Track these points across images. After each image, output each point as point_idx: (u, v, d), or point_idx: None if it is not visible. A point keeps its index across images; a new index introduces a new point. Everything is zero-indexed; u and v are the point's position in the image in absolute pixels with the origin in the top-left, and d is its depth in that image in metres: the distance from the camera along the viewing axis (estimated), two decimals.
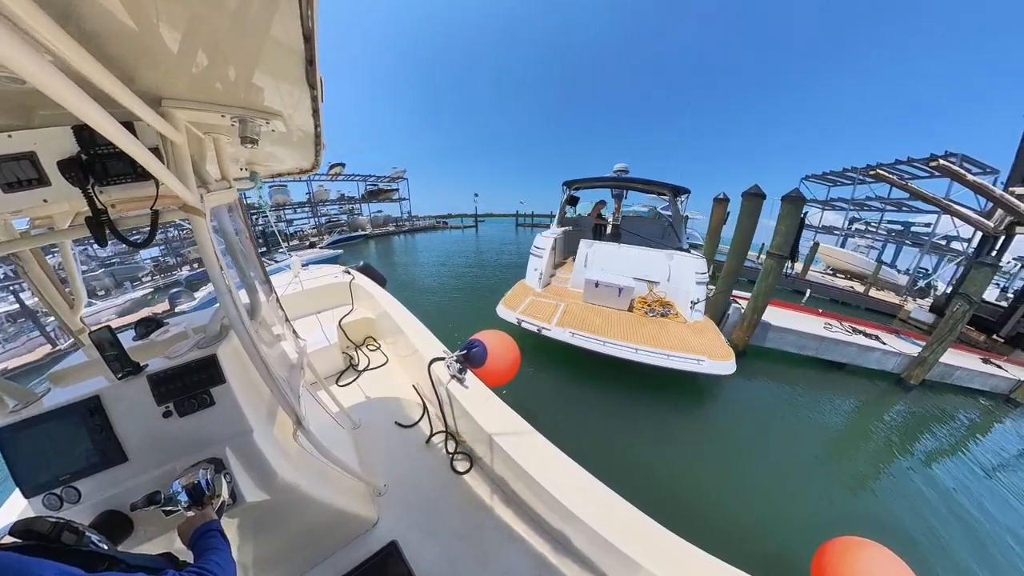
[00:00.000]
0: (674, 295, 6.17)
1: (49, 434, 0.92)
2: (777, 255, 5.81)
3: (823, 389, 5.64)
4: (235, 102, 0.88)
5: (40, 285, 1.17)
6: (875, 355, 6.20)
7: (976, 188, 7.53)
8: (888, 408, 5.39)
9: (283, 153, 1.46)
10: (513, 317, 5.49)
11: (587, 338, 4.91)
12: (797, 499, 3.48)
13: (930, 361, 5.83)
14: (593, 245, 7.15)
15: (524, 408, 1.85)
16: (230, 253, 1.45)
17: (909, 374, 5.97)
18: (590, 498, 1.39)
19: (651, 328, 5.31)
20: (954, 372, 6.14)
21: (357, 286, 3.62)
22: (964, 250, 11.93)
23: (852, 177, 15.42)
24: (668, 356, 4.55)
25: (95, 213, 0.80)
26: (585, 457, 1.54)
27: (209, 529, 0.82)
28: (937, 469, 4.17)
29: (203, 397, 1.05)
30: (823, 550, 1.24)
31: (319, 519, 1.37)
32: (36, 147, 0.75)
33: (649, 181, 8.49)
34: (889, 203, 14.93)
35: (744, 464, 3.88)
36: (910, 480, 3.92)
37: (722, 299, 6.78)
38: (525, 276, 7.28)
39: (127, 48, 0.60)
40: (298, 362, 1.69)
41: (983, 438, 5.01)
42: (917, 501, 3.64)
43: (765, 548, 2.93)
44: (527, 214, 33.04)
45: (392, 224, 27.50)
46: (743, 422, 4.67)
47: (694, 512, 3.16)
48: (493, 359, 2.09)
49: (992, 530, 3.39)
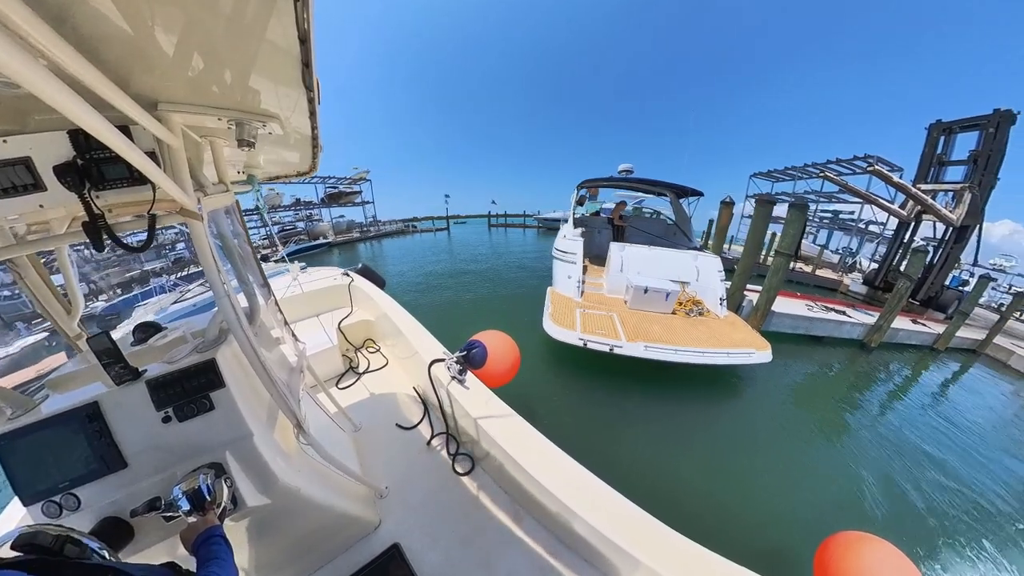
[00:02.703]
0: (702, 293, 6.37)
1: (48, 441, 0.92)
2: (785, 254, 6.61)
3: (815, 360, 6.82)
4: (231, 105, 0.88)
5: (36, 291, 1.16)
6: (845, 327, 7.65)
7: (899, 187, 9.73)
8: (858, 367, 6.81)
9: (280, 156, 1.46)
10: (575, 338, 4.90)
11: (660, 349, 4.77)
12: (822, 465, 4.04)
13: (884, 328, 7.38)
14: (625, 248, 7.06)
15: (526, 408, 1.85)
16: (228, 256, 1.44)
17: (870, 339, 7.49)
18: (593, 498, 1.39)
19: (699, 329, 5.47)
20: (898, 333, 7.86)
21: (356, 288, 3.62)
22: (880, 232, 15.28)
23: (795, 174, 17.80)
24: (728, 354, 4.85)
25: (92, 218, 0.79)
26: (605, 457, 1.52)
27: (212, 535, 0.81)
28: (897, 406, 5.59)
29: (202, 402, 1.05)
30: (826, 545, 1.24)
31: (321, 522, 1.36)
32: (32, 152, 0.75)
33: (655, 182, 8.73)
34: (822, 196, 17.84)
35: (786, 449, 4.22)
36: (880, 422, 5.00)
37: (739, 293, 7.43)
38: (553, 283, 6.88)
39: (122, 52, 0.60)
40: (298, 365, 1.68)
41: (921, 378, 6.80)
42: (883, 435, 4.68)
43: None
44: (500, 214, 32.11)
45: (357, 230, 25.66)
46: (772, 403, 5.17)
47: (719, 506, 3.30)
48: (493, 360, 2.09)
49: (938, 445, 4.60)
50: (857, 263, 16.06)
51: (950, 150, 10.66)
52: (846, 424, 4.89)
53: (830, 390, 5.81)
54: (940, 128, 10.68)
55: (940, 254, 10.46)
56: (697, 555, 1.19)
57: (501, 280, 11.71)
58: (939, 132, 10.72)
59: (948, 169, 10.73)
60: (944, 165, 10.76)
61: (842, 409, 5.25)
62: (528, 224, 31.26)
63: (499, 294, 10.13)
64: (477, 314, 8.47)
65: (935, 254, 10.53)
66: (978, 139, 9.72)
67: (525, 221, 31.64)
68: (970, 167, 9.87)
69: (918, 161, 11.21)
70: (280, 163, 1.60)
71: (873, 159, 12.42)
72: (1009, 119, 9.19)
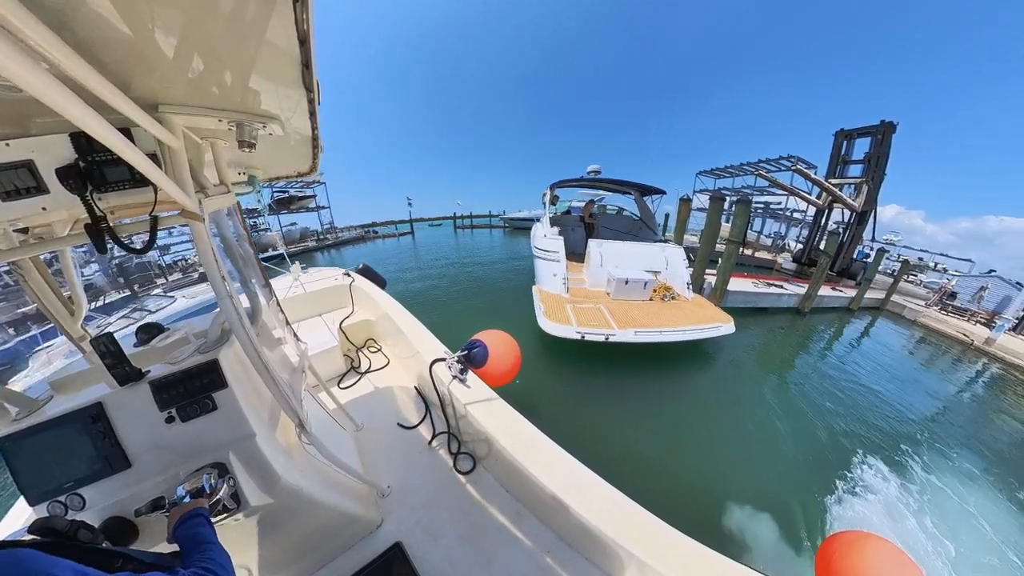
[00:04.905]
0: (672, 280, 7.23)
1: (52, 442, 0.93)
2: (735, 241, 8.16)
3: (764, 327, 8.43)
4: (232, 106, 0.88)
5: (40, 293, 1.17)
6: (783, 298, 9.60)
7: (815, 182, 12.43)
8: (796, 328, 8.69)
9: (281, 156, 1.47)
10: (573, 332, 5.22)
11: (647, 333, 5.35)
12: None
13: (812, 296, 9.40)
14: (603, 244, 7.63)
15: (527, 403, 1.86)
16: (229, 257, 1.45)
17: (802, 306, 9.50)
18: (594, 497, 1.39)
19: (674, 311, 6.20)
20: (823, 299, 10.02)
21: (357, 288, 3.62)
22: (803, 218, 18.74)
23: (733, 171, 21.36)
24: (702, 329, 5.65)
25: (94, 220, 0.80)
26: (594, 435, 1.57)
27: (195, 515, 0.81)
28: (825, 353, 7.39)
29: (205, 402, 1.05)
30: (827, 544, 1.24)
31: (323, 522, 1.37)
32: (34, 155, 0.75)
33: (622, 182, 9.69)
34: (756, 190, 22.15)
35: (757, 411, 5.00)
36: (812, 375, 6.26)
37: (700, 277, 8.85)
38: (538, 281, 7.25)
39: (122, 54, 0.60)
40: (299, 365, 1.69)
41: (842, 331, 8.94)
42: (816, 383, 5.93)
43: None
44: (466, 215, 31.42)
45: (312, 239, 23.15)
46: (737, 363, 6.28)
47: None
48: (494, 359, 2.09)
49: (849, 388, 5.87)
50: (787, 245, 19.26)
51: (851, 152, 13.45)
52: (789, 372, 6.28)
53: (778, 348, 7.49)
54: (843, 135, 13.39)
55: (847, 234, 13.14)
56: (697, 553, 1.19)
57: (475, 279, 11.65)
58: (842, 138, 13.45)
59: (850, 167, 13.42)
60: (847, 164, 13.47)
61: (786, 362, 6.72)
62: (495, 224, 30.88)
63: (478, 293, 10.12)
64: (460, 319, 8.11)
65: (844, 235, 13.05)
66: (870, 143, 12.46)
67: (491, 221, 31.39)
68: (866, 165, 12.60)
69: (828, 160, 14.06)
70: (281, 164, 1.60)
71: (795, 159, 15.46)
72: (891, 128, 11.86)
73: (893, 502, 3.53)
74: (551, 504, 1.47)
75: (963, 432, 4.97)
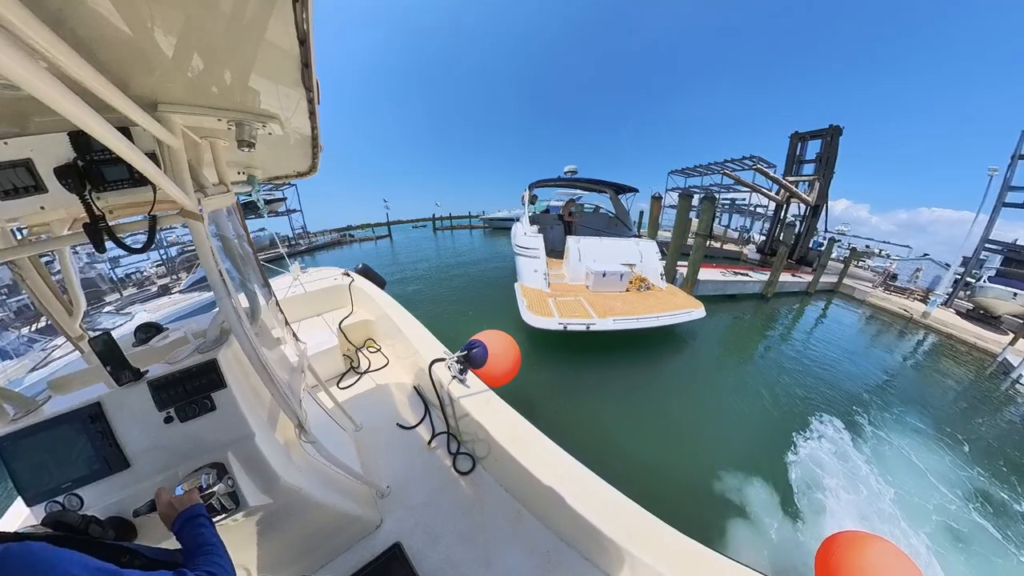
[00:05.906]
0: (646, 271, 7.72)
1: (50, 442, 0.92)
2: (703, 235, 8.70)
3: (732, 312, 9.23)
4: (231, 105, 0.88)
5: (38, 292, 1.17)
6: (749, 285, 10.44)
7: (776, 180, 13.91)
8: (761, 312, 9.51)
9: (281, 156, 1.46)
10: (555, 324, 5.42)
11: (625, 320, 5.66)
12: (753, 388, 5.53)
13: (774, 282, 10.31)
14: (580, 240, 7.97)
15: (524, 400, 1.86)
16: (228, 257, 1.45)
17: (765, 292, 10.39)
18: (592, 496, 1.39)
19: (649, 300, 6.61)
20: (784, 285, 11.01)
21: (356, 288, 3.62)
22: (764, 213, 20.58)
23: (702, 171, 22.72)
24: (675, 315, 6.03)
25: (93, 219, 0.80)
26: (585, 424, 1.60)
27: (196, 515, 0.79)
28: (788, 333, 8.17)
29: (204, 402, 1.05)
30: (827, 544, 1.24)
31: (323, 522, 1.37)
32: (32, 154, 0.75)
33: (598, 181, 10.41)
34: (723, 187, 23.36)
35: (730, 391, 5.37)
36: (775, 352, 6.93)
37: (672, 268, 9.28)
38: (519, 278, 7.44)
39: (122, 53, 0.60)
40: (299, 365, 1.69)
41: (802, 312, 9.86)
42: (780, 360, 6.51)
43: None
44: (445, 216, 30.28)
45: (284, 244, 20.56)
46: (712, 349, 6.84)
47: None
48: (494, 360, 2.09)
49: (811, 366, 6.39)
50: (751, 237, 21.12)
51: (804, 152, 14.75)
52: (755, 350, 6.98)
53: (745, 329, 8.24)
54: (797, 136, 14.76)
55: (803, 226, 14.70)
56: (694, 552, 1.20)
57: (457, 278, 11.51)
58: (797, 139, 14.78)
59: (804, 165, 14.78)
60: (802, 163, 14.84)
61: (752, 342, 7.39)
62: (474, 225, 30.47)
63: (461, 294, 10.01)
64: (442, 320, 7.89)
65: (800, 226, 14.68)
66: (821, 145, 13.72)
67: (471, 222, 30.92)
68: (818, 164, 13.88)
69: (785, 160, 15.52)
70: (280, 163, 1.60)
71: (756, 159, 16.86)
72: (839, 132, 13.17)
73: (846, 450, 4.17)
74: (550, 504, 1.47)
75: (906, 392, 5.71)
